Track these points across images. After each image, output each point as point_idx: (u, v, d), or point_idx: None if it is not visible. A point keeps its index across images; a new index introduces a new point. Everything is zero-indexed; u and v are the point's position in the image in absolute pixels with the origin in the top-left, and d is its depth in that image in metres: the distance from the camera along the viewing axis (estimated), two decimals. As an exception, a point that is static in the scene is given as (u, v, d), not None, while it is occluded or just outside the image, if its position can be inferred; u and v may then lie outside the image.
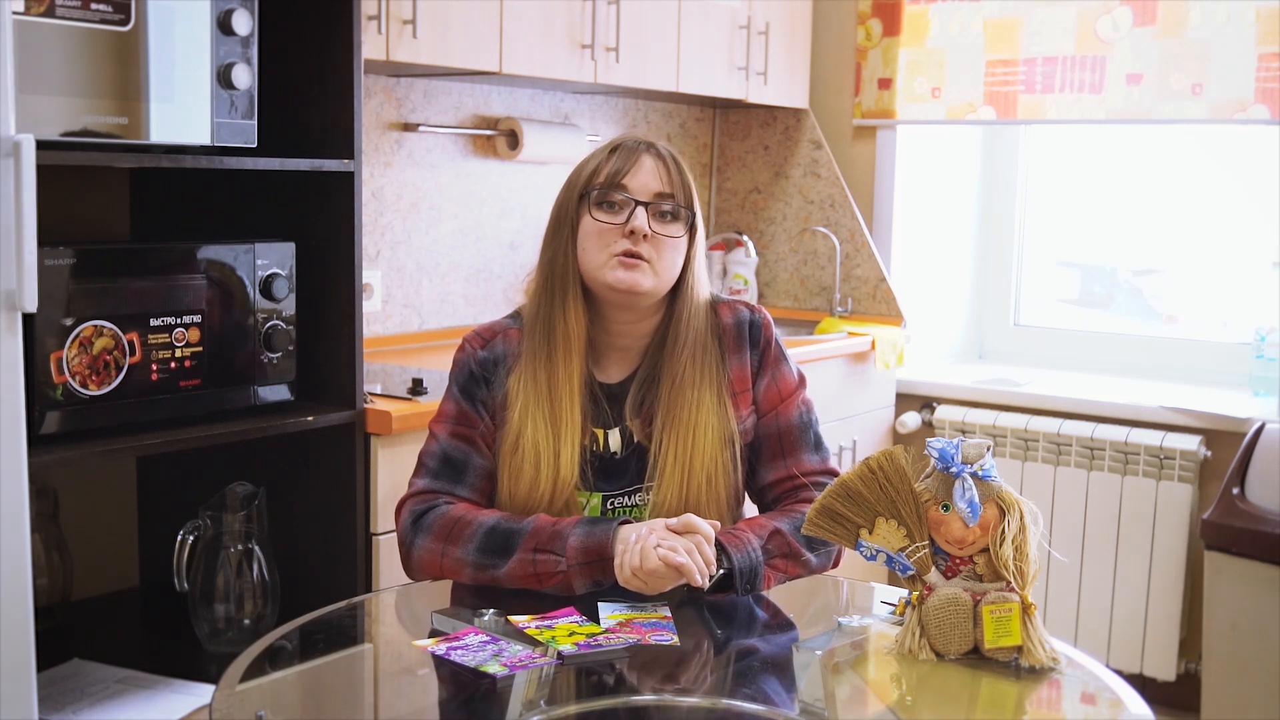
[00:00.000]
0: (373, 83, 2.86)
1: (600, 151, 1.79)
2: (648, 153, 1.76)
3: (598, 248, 1.73)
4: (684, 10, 3.21)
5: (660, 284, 1.74)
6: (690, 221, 1.76)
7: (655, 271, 1.73)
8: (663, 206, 1.74)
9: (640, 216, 1.72)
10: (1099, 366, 3.76)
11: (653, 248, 1.72)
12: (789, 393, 1.81)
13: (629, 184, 1.74)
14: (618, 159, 1.76)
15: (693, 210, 1.77)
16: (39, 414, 1.75)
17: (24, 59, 1.63)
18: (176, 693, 1.87)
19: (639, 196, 1.74)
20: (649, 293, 1.73)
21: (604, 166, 1.76)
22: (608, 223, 1.73)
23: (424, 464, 1.76)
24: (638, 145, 1.77)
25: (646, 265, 1.72)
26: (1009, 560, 1.42)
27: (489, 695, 1.36)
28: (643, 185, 1.74)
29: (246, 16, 1.95)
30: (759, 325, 1.83)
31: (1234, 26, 3.21)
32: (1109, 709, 1.41)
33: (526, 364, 1.75)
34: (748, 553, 1.63)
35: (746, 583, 1.63)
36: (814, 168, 3.79)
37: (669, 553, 1.55)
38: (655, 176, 1.75)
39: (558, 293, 1.76)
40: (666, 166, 1.76)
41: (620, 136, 1.82)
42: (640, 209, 1.73)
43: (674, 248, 1.75)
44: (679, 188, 1.76)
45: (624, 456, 1.76)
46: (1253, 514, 2.83)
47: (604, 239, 1.73)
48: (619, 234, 1.72)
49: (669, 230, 1.74)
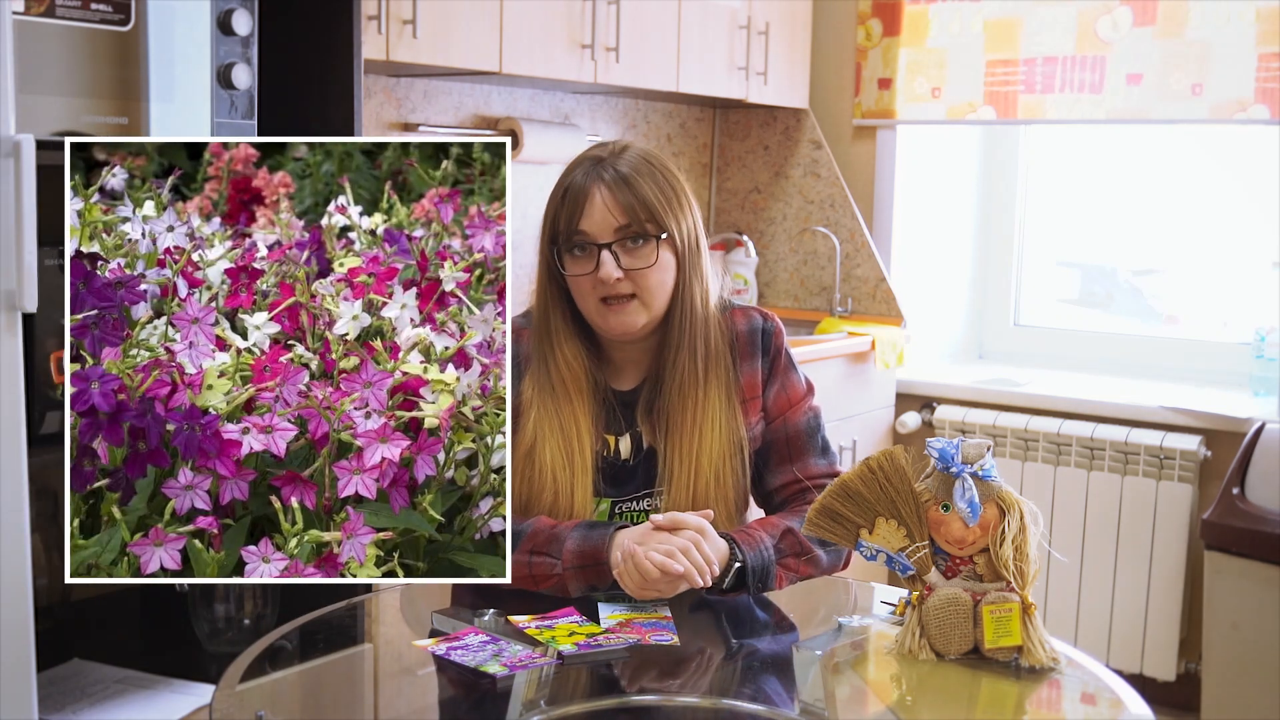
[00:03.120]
0: (373, 83, 2.86)
1: (556, 190, 1.73)
2: (597, 183, 1.68)
3: (581, 297, 1.72)
4: (684, 10, 3.21)
5: (654, 314, 1.72)
6: (668, 237, 1.70)
7: (645, 304, 1.70)
8: (625, 241, 1.68)
9: (607, 263, 1.67)
10: (1099, 366, 3.76)
11: (632, 282, 1.69)
12: (798, 399, 1.81)
13: (585, 228, 1.68)
14: (569, 201, 1.69)
15: (660, 225, 1.69)
16: (39, 414, 1.75)
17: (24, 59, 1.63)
18: (176, 693, 1.87)
19: (600, 238, 1.68)
20: (645, 326, 1.72)
21: (561, 213, 1.70)
22: (579, 274, 1.70)
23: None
24: (586, 176, 1.70)
25: (633, 303, 1.69)
26: (1009, 560, 1.42)
27: (489, 695, 1.36)
28: (598, 225, 1.68)
29: (246, 16, 1.95)
30: (770, 333, 1.81)
31: (1234, 26, 3.21)
32: (1109, 709, 1.41)
33: (538, 386, 1.73)
34: (760, 551, 1.63)
35: (759, 581, 1.62)
36: (814, 168, 3.79)
37: (666, 560, 1.54)
38: (608, 211, 1.67)
39: (544, 336, 1.75)
40: (616, 194, 1.67)
41: (572, 164, 1.73)
42: (604, 253, 1.67)
43: (653, 274, 1.70)
44: (639, 210, 1.68)
45: (634, 464, 1.76)
46: (1253, 514, 2.83)
47: (583, 289, 1.71)
48: (595, 281, 1.69)
49: (642, 260, 1.69)
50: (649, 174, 1.70)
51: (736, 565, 1.61)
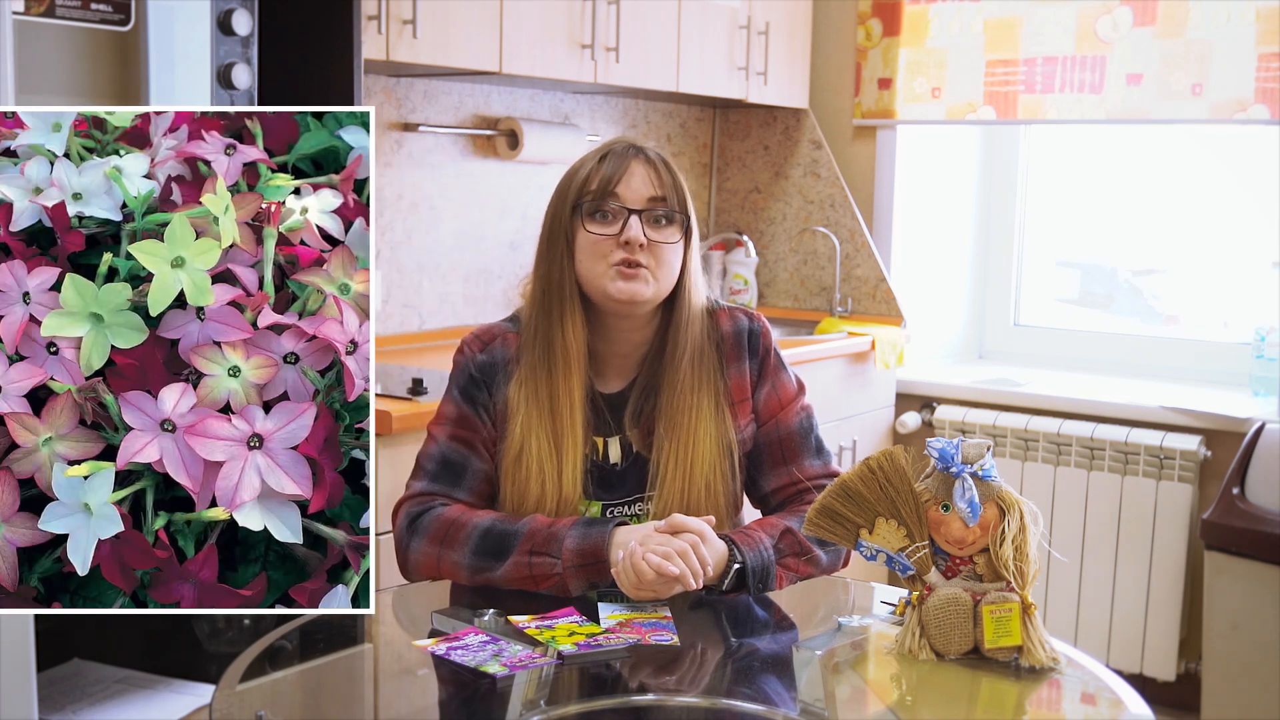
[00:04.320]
0: (373, 83, 2.86)
1: (589, 158, 1.76)
2: (637, 158, 1.73)
3: (594, 259, 1.71)
4: (684, 10, 3.21)
5: (660, 290, 1.73)
6: (685, 225, 1.74)
7: (655, 278, 1.71)
8: (656, 212, 1.71)
9: (635, 225, 1.69)
10: (1099, 366, 3.76)
11: (650, 254, 1.70)
12: (789, 400, 1.81)
13: (621, 192, 1.71)
14: (607, 166, 1.72)
15: (687, 214, 1.74)
16: (39, 414, 1.75)
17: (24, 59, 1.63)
18: (176, 693, 1.87)
19: (632, 204, 1.71)
20: (649, 300, 1.72)
21: (594, 175, 1.73)
22: (602, 234, 1.71)
23: (422, 466, 1.76)
24: (627, 150, 1.74)
25: (645, 272, 1.70)
26: (1009, 560, 1.42)
27: (489, 695, 1.36)
28: (635, 192, 1.71)
29: (246, 16, 1.95)
30: (758, 334, 1.81)
31: (1234, 26, 3.21)
32: (1109, 709, 1.41)
33: (527, 378, 1.73)
34: (760, 551, 1.63)
35: (759, 582, 1.63)
36: (814, 168, 3.79)
37: (663, 562, 1.54)
38: (647, 182, 1.72)
39: (555, 308, 1.73)
40: (657, 171, 1.73)
41: (609, 142, 1.78)
42: (634, 217, 1.70)
43: (671, 253, 1.72)
44: (672, 192, 1.73)
45: (624, 467, 1.76)
46: (1253, 514, 2.84)
47: (599, 250, 1.70)
48: (614, 244, 1.69)
49: (665, 236, 1.72)
50: (675, 167, 1.77)
51: (736, 566, 1.61)
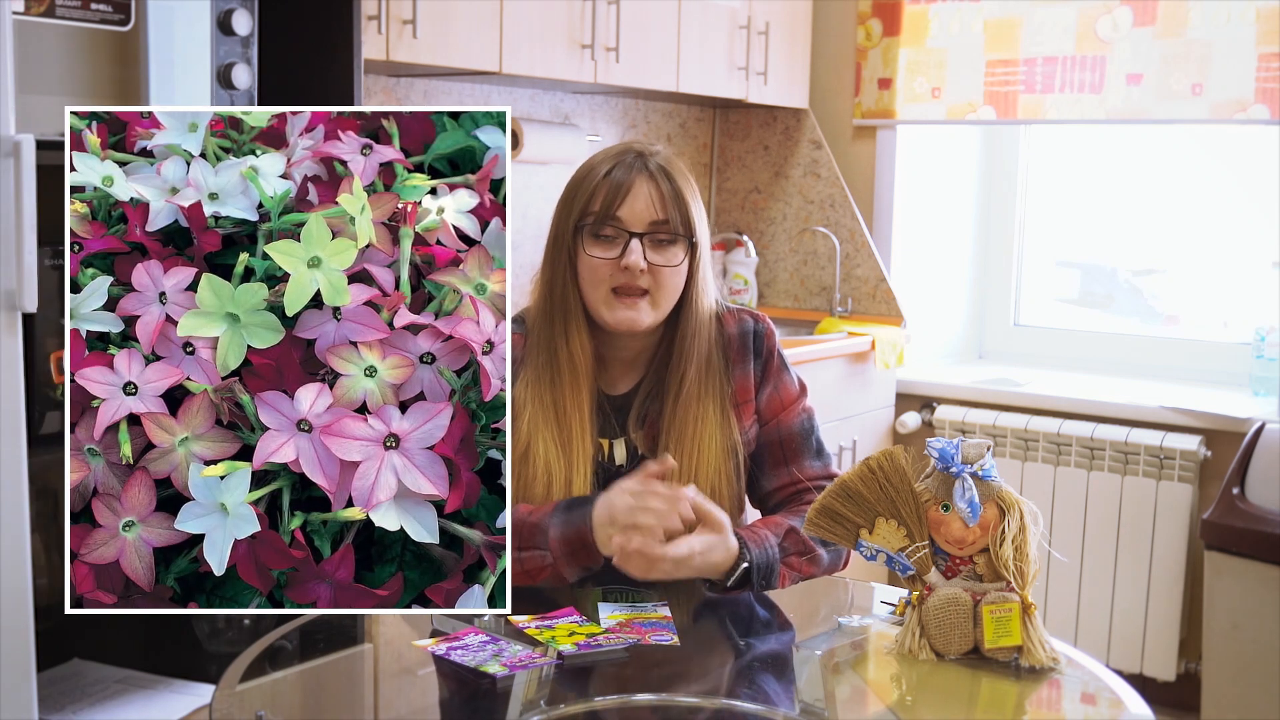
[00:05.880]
0: (373, 83, 2.86)
1: (598, 166, 1.72)
2: (642, 174, 1.69)
3: (594, 283, 1.69)
4: (684, 10, 3.21)
5: (659, 315, 1.71)
6: (690, 244, 1.71)
7: (655, 303, 1.69)
8: (659, 236, 1.69)
9: (635, 251, 1.67)
10: (1099, 366, 3.76)
11: (651, 277, 1.68)
12: (791, 401, 1.81)
13: (623, 215, 1.68)
14: (610, 185, 1.69)
15: (691, 233, 1.71)
16: (39, 414, 1.75)
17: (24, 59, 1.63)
18: (176, 693, 1.87)
19: (633, 227, 1.68)
20: (647, 326, 1.71)
21: (599, 191, 1.69)
22: (602, 258, 1.68)
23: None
24: (634, 163, 1.70)
25: (644, 301, 1.69)
26: (1009, 560, 1.42)
27: (489, 695, 1.36)
28: (636, 215, 1.68)
29: (246, 16, 1.95)
30: (762, 335, 1.81)
31: (1234, 26, 3.21)
32: (1109, 709, 1.41)
33: (533, 381, 1.72)
34: (765, 549, 1.63)
35: (763, 579, 1.63)
36: (814, 168, 3.79)
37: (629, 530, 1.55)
38: (649, 204, 1.68)
39: (559, 320, 1.72)
40: (660, 189, 1.69)
41: (619, 150, 1.74)
42: (635, 241, 1.67)
43: (672, 276, 1.70)
44: (675, 211, 1.69)
45: (629, 469, 1.75)
46: (1253, 514, 2.84)
47: (599, 274, 1.68)
48: (614, 267, 1.68)
49: (666, 258, 1.69)
50: (682, 176, 1.73)
51: (744, 565, 1.61)
